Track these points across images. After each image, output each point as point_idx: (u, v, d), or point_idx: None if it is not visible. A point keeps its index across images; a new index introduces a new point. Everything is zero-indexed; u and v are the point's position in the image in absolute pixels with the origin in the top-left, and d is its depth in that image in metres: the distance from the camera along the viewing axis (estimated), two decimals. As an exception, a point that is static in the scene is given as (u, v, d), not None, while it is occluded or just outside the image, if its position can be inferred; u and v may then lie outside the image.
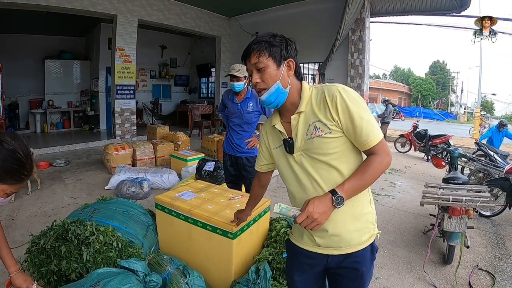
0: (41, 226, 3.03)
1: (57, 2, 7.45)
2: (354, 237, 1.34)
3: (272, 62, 1.30)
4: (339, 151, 1.28)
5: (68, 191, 5.14)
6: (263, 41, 1.31)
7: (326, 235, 1.35)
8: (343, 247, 1.35)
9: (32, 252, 2.23)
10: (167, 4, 9.92)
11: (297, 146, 1.34)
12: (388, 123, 10.29)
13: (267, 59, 1.30)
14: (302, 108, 1.33)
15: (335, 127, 1.25)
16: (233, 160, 3.59)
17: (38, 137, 10.41)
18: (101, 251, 2.17)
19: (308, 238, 1.43)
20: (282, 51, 1.31)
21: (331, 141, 1.26)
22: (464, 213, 3.12)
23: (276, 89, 1.31)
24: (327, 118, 1.26)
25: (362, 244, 1.36)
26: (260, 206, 2.44)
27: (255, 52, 1.31)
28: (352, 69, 8.92)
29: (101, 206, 2.72)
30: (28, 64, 11.28)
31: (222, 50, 12.28)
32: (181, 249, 2.53)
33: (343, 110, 1.22)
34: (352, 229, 1.34)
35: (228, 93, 3.60)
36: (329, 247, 1.37)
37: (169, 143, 7.22)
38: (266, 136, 1.55)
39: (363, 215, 1.37)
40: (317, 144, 1.28)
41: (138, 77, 12.40)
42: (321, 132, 1.27)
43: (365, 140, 1.22)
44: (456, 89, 49.78)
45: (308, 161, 1.32)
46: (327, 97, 1.26)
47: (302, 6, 9.86)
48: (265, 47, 1.30)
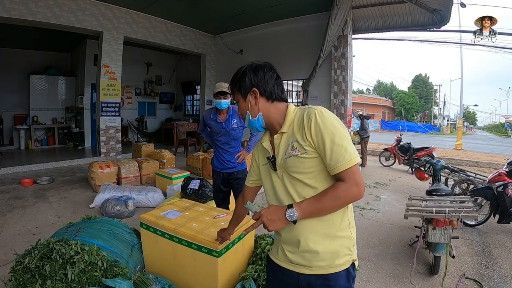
0: (25, 244, 2.99)
1: (43, 17, 7.50)
2: (326, 258, 1.31)
3: (240, 97, 1.46)
4: (315, 171, 1.30)
5: (53, 209, 5.06)
6: (236, 78, 1.47)
7: (297, 250, 1.36)
8: (313, 267, 1.33)
9: (16, 271, 2.18)
10: (153, 22, 10.03)
11: (278, 164, 1.40)
12: (368, 137, 10.35)
13: (237, 94, 1.48)
14: (284, 129, 1.39)
15: (309, 148, 1.29)
16: (225, 176, 3.61)
17: (22, 153, 10.28)
18: (86, 270, 2.14)
19: (282, 253, 1.44)
20: (246, 84, 1.43)
21: (306, 161, 1.30)
22: (448, 224, 3.17)
23: (247, 118, 1.47)
24: (303, 139, 1.30)
25: (335, 267, 1.32)
26: (245, 224, 2.44)
27: (232, 89, 1.50)
28: (335, 85, 9.09)
29: (86, 225, 2.69)
30: (13, 79, 11.22)
31: (207, 68, 12.40)
32: (166, 268, 2.50)
33: (316, 132, 1.26)
34: (325, 250, 1.31)
35: (210, 113, 3.61)
36: (300, 264, 1.36)
37: (154, 161, 7.18)
38: (257, 153, 1.60)
39: (338, 238, 1.34)
40: (293, 163, 1.32)
41: (123, 94, 12.42)
42: (298, 152, 1.31)
43: (334, 164, 1.23)
44: (438, 102, 51.04)
45: (287, 178, 1.37)
46: (305, 119, 1.31)
47: (286, 24, 10.09)
48: (235, 84, 1.48)
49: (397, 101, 51.22)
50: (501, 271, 3.46)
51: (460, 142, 16.44)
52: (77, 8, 8.08)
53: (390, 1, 8.35)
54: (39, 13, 7.43)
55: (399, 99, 51.11)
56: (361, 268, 3.40)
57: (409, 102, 49.94)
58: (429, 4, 8.08)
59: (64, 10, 7.83)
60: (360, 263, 3.50)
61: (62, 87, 12.24)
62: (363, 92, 59.80)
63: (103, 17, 8.65)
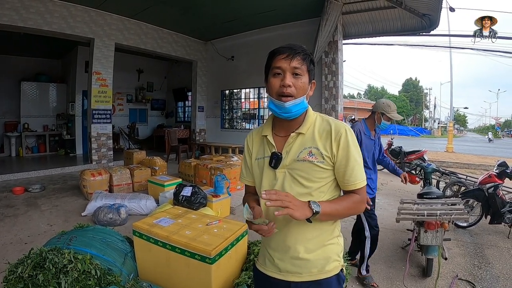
0: (17, 254, 2.98)
1: (34, 24, 7.48)
2: (317, 265, 1.31)
3: (307, 75, 1.29)
4: (323, 185, 1.30)
5: (44, 217, 5.00)
6: (308, 54, 1.29)
7: (287, 257, 1.33)
8: (303, 274, 1.31)
9: (9, 280, 2.17)
10: (144, 29, 10.04)
11: (284, 163, 1.32)
12: None
13: (306, 70, 1.28)
14: (304, 130, 1.32)
15: (328, 159, 1.27)
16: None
17: (13, 161, 10.20)
18: (80, 279, 2.13)
19: (270, 262, 1.40)
20: (313, 71, 1.33)
21: (319, 170, 1.28)
22: (440, 227, 3.20)
23: (301, 101, 1.29)
24: (325, 149, 1.28)
25: (326, 273, 1.32)
26: (238, 230, 2.45)
27: (300, 57, 1.26)
28: (326, 90, 9.16)
29: (78, 234, 2.67)
30: (4, 86, 11.15)
31: (198, 74, 12.42)
32: (160, 275, 2.49)
33: (343, 147, 1.26)
34: (316, 257, 1.31)
35: (363, 128, 3.26)
36: (289, 272, 1.33)
37: (146, 168, 7.15)
38: (252, 145, 1.49)
39: (329, 245, 1.34)
40: (305, 168, 1.28)
41: (114, 101, 12.35)
42: (314, 159, 1.28)
43: (353, 181, 1.27)
44: (429, 105, 51.57)
45: (289, 181, 1.31)
46: (333, 130, 1.29)
47: (277, 30, 10.18)
48: (308, 59, 1.29)
49: (388, 105, 51.61)
50: (493, 271, 3.50)
51: (451, 144, 16.62)
52: (68, 14, 8.07)
53: (380, 7, 8.44)
54: (30, 19, 7.40)
55: (390, 103, 51.50)
56: (354, 272, 3.41)
57: (400, 106, 50.33)
58: (418, 9, 8.18)
59: (55, 16, 7.81)
60: (353, 267, 3.52)
61: (53, 94, 12.17)
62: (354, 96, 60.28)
63: (94, 23, 8.64)
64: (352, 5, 8.67)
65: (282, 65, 1.25)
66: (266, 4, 8.61)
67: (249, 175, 1.52)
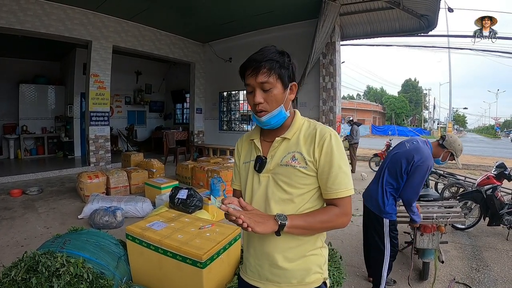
0: (13, 256, 2.98)
1: (32, 26, 7.48)
2: (296, 276, 1.27)
3: (280, 84, 1.22)
4: (305, 192, 1.26)
5: (41, 220, 5.00)
6: (274, 60, 1.21)
7: (267, 265, 1.30)
8: (282, 284, 1.28)
9: (3, 284, 2.17)
10: (142, 31, 10.04)
11: (268, 168, 1.30)
12: (357, 143, 10.36)
13: (276, 80, 1.21)
14: (289, 135, 1.30)
15: (312, 164, 1.24)
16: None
17: (11, 163, 10.21)
18: (72, 283, 2.12)
19: (250, 270, 1.38)
20: (290, 74, 1.25)
21: (302, 176, 1.24)
22: (436, 230, 3.18)
23: (278, 112, 1.25)
24: (308, 153, 1.25)
25: (306, 285, 1.28)
26: (230, 234, 2.43)
27: (266, 69, 1.20)
28: (324, 92, 9.15)
29: (72, 237, 2.66)
30: (2, 88, 11.17)
31: (196, 76, 12.43)
32: (153, 279, 2.48)
33: (326, 152, 1.22)
34: (295, 267, 1.27)
35: (432, 162, 2.96)
36: (269, 281, 1.31)
37: (143, 170, 7.15)
38: (241, 149, 1.49)
39: (310, 255, 1.30)
40: (287, 173, 1.25)
41: (112, 103, 12.39)
42: (297, 164, 1.25)
43: (336, 189, 1.21)
44: (428, 106, 51.59)
45: (272, 186, 1.29)
46: (317, 135, 1.25)
47: (274, 32, 10.18)
48: (276, 68, 1.20)
49: (387, 106, 51.73)
50: (491, 274, 3.48)
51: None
52: (66, 17, 8.08)
53: (377, 8, 8.45)
54: (28, 22, 7.41)
55: (389, 104, 51.62)
56: (350, 276, 3.39)
57: (399, 107, 50.47)
58: (416, 10, 8.20)
59: (52, 19, 7.82)
60: (349, 270, 3.50)
61: (51, 96, 12.17)
62: (353, 97, 60.36)
63: (92, 26, 8.65)
64: (350, 6, 8.68)
65: (251, 82, 1.23)
66: (263, 6, 8.61)
67: (238, 179, 1.50)
